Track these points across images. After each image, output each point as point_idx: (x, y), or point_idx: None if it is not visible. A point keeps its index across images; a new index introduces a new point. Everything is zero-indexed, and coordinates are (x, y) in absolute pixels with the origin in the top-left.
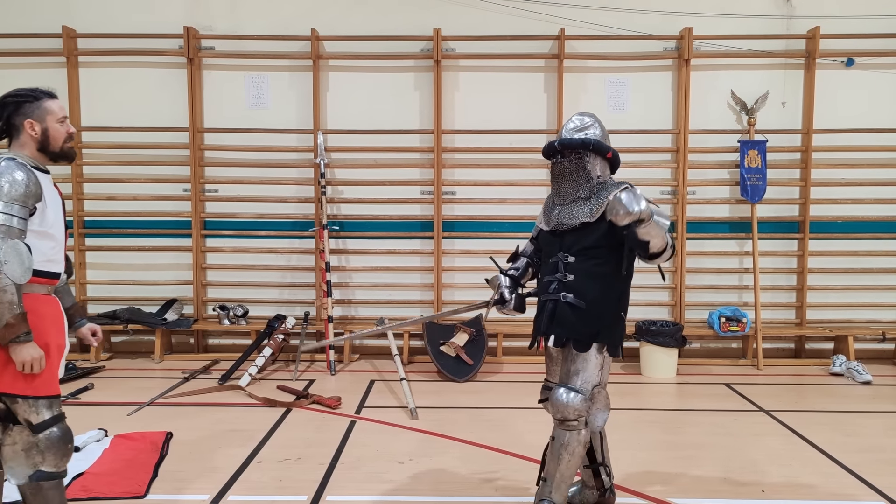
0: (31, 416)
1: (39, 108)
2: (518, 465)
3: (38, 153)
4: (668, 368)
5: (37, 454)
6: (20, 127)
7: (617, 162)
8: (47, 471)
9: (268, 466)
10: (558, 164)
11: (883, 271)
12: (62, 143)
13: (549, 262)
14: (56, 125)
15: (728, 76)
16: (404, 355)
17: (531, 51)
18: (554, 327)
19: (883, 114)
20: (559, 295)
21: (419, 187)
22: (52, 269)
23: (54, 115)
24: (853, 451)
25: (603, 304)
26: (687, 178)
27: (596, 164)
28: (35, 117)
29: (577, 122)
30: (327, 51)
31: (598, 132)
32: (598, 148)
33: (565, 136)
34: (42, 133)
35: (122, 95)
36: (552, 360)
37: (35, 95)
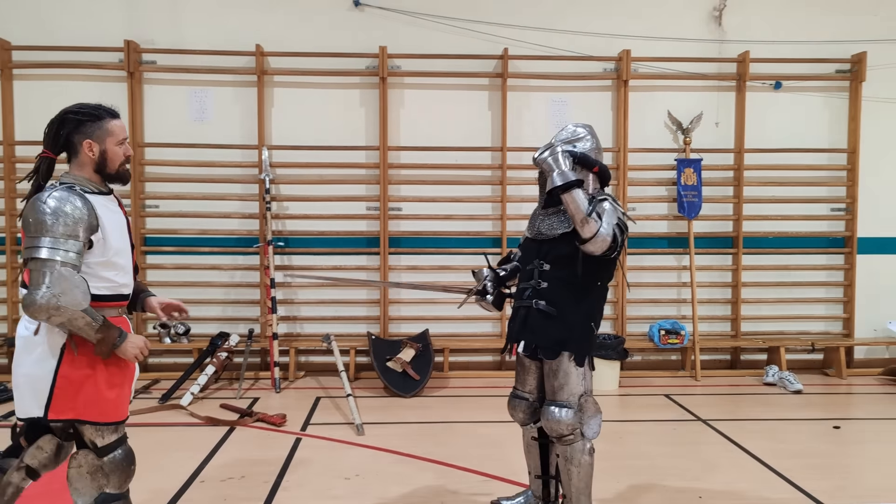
0: (97, 439)
1: (101, 128)
2: (464, 479)
3: (94, 174)
4: (610, 381)
5: (101, 476)
6: (78, 146)
7: (606, 176)
8: (112, 492)
9: (211, 486)
10: (543, 174)
11: (811, 285)
12: (118, 165)
13: (527, 269)
14: (115, 147)
15: (665, 97)
16: (350, 371)
17: (476, 69)
18: (525, 333)
19: (808, 134)
20: (532, 301)
21: (365, 203)
22: (121, 293)
23: (115, 137)
24: (785, 457)
25: (574, 314)
26: (627, 195)
27: (582, 177)
28: (95, 138)
29: (567, 134)
30: (272, 66)
31: (590, 145)
32: (584, 161)
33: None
34: (100, 155)
35: (59, 109)
36: (524, 368)
37: (97, 114)
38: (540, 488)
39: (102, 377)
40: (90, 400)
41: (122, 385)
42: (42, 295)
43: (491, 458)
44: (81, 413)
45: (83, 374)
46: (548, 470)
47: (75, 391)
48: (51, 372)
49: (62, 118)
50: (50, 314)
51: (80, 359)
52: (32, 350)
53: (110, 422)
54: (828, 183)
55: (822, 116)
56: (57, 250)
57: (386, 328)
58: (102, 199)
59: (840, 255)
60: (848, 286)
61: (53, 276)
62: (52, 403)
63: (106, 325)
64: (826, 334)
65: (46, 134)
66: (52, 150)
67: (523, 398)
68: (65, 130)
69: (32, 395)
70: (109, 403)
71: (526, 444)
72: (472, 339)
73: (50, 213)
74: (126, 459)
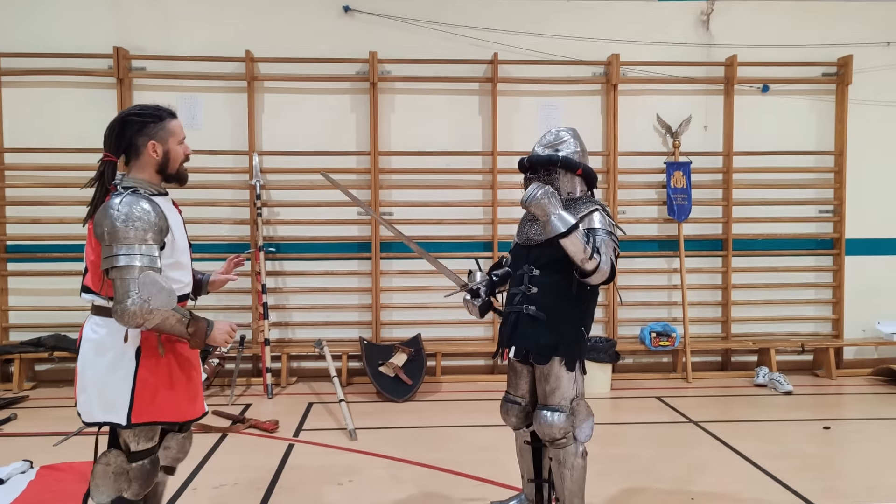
0: (132, 443)
1: (163, 128)
2: (457, 483)
3: (156, 174)
4: (602, 384)
5: (124, 481)
6: (141, 147)
7: (592, 178)
8: (128, 498)
9: (203, 493)
10: (528, 179)
11: (801, 286)
12: (179, 164)
13: (517, 275)
14: (176, 147)
15: (654, 101)
16: (343, 377)
17: (466, 74)
18: (516, 339)
19: (796, 137)
20: (522, 307)
21: (356, 208)
22: (184, 293)
23: (176, 137)
24: (776, 457)
25: (564, 319)
26: (617, 198)
27: (567, 181)
28: (158, 138)
29: (550, 138)
30: (262, 72)
31: (573, 148)
32: (567, 164)
33: (536, 152)
34: (164, 155)
35: (49, 116)
36: (516, 373)
37: (159, 115)
38: (533, 492)
39: (177, 378)
40: (167, 401)
41: (189, 382)
42: (133, 302)
43: (484, 461)
44: (160, 415)
45: (158, 377)
46: (541, 473)
47: (152, 395)
48: (128, 378)
49: (124, 120)
50: (144, 319)
51: (154, 362)
52: (103, 354)
53: (186, 419)
54: (815, 185)
55: (810, 119)
56: (136, 256)
57: (378, 333)
58: (163, 201)
59: (828, 256)
60: (837, 287)
61: (138, 282)
62: (133, 408)
63: (194, 318)
64: (815, 335)
65: (107, 137)
66: (114, 153)
67: (516, 402)
68: (128, 132)
69: (100, 400)
70: (184, 403)
71: (519, 448)
72: (465, 342)
73: (123, 221)
74: (153, 470)
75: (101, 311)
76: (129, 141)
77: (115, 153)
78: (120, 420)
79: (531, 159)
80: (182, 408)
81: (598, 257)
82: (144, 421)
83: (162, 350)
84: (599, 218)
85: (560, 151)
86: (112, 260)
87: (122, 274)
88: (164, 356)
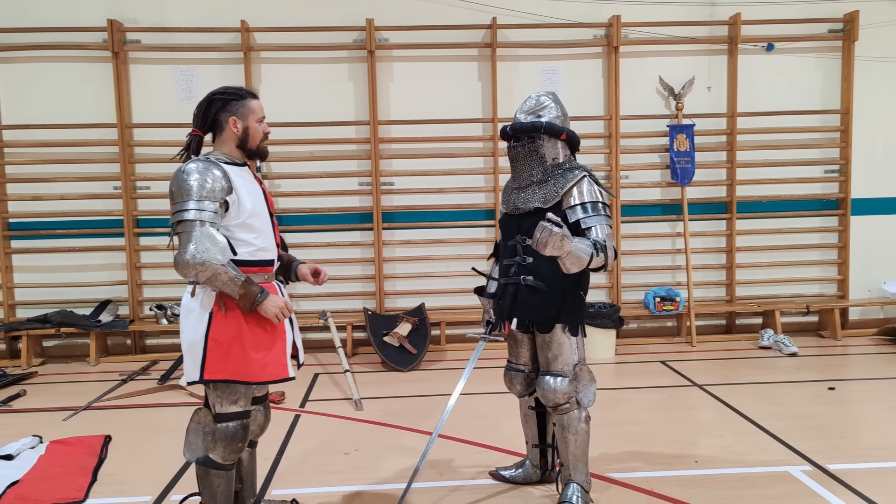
0: (217, 405)
1: (244, 106)
2: (462, 450)
3: (237, 149)
4: (606, 349)
5: (211, 441)
6: (224, 123)
7: (575, 142)
8: (214, 459)
9: None
10: (512, 148)
11: (805, 247)
12: (259, 141)
13: (508, 246)
14: (255, 124)
15: (656, 62)
16: (348, 347)
17: (464, 40)
18: (516, 310)
19: (801, 97)
20: (520, 278)
21: (357, 179)
22: (263, 258)
23: (255, 115)
24: (780, 419)
25: (563, 286)
26: (619, 163)
27: (551, 147)
28: (239, 115)
29: (531, 104)
30: (258, 42)
31: (555, 113)
32: (550, 130)
33: (518, 119)
34: (243, 131)
35: (45, 91)
36: (516, 342)
37: (241, 94)
38: (538, 457)
39: (249, 339)
40: (238, 361)
41: (269, 347)
42: (188, 252)
43: (488, 429)
44: (231, 374)
45: (230, 336)
46: (545, 438)
47: (224, 353)
48: (202, 336)
49: (210, 99)
50: (196, 270)
51: (227, 322)
52: (189, 317)
53: (257, 381)
54: (821, 145)
55: (815, 77)
56: (199, 211)
57: (382, 303)
58: (236, 169)
59: (834, 216)
60: (842, 248)
61: (196, 234)
62: (206, 365)
63: (248, 282)
64: (821, 296)
65: (196, 115)
66: (200, 128)
67: (519, 370)
68: (213, 109)
69: (191, 359)
70: (255, 364)
71: (523, 414)
72: (468, 311)
73: (188, 180)
74: (237, 435)
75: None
76: (214, 117)
77: (201, 128)
78: (195, 377)
79: (514, 127)
80: (254, 369)
81: (601, 255)
82: (215, 378)
83: (223, 307)
84: (587, 187)
85: (542, 117)
86: (176, 216)
87: (185, 227)
88: (237, 318)
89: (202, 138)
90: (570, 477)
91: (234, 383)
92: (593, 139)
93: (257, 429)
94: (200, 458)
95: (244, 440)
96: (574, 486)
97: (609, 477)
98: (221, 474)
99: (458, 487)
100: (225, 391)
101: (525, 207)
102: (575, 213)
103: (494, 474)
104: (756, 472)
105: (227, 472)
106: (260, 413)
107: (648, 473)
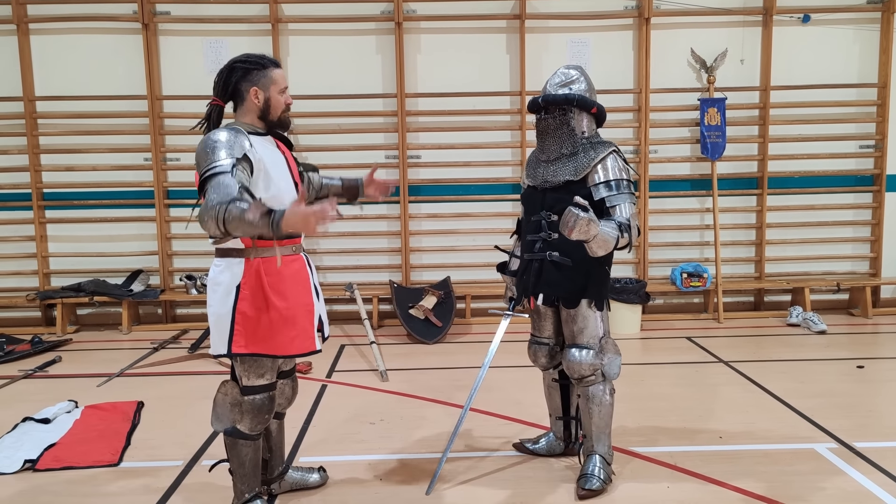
0: (243, 378)
1: (265, 76)
2: (486, 422)
3: (258, 120)
4: (632, 324)
5: (238, 412)
6: (245, 93)
7: (602, 116)
8: (241, 430)
9: None
10: (542, 120)
11: (837, 224)
12: (280, 112)
13: (532, 221)
14: (277, 95)
15: (688, 34)
16: (374, 319)
17: (493, 11)
18: (542, 286)
19: (837, 69)
20: (545, 254)
21: (384, 152)
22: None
23: (277, 86)
24: (807, 396)
25: (589, 261)
26: (649, 138)
27: (581, 120)
28: (260, 85)
29: (561, 77)
30: (286, 14)
31: (584, 86)
32: (582, 103)
33: (549, 92)
34: (264, 102)
35: (77, 63)
36: (540, 315)
37: (263, 63)
38: (561, 429)
39: (275, 313)
40: (265, 335)
41: (295, 320)
42: (206, 203)
43: (512, 401)
44: (258, 348)
45: (258, 310)
46: (569, 411)
47: (252, 327)
48: (230, 310)
49: (231, 67)
50: (216, 219)
51: (254, 296)
52: (216, 290)
53: (284, 355)
54: (857, 119)
55: (853, 50)
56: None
57: (408, 276)
58: (260, 138)
59: (868, 193)
60: (876, 225)
61: (213, 185)
62: (233, 339)
63: (259, 205)
64: (852, 274)
65: (216, 83)
66: (221, 97)
67: (544, 343)
68: (234, 78)
69: (218, 333)
70: (282, 338)
71: (547, 387)
72: (494, 285)
73: (211, 144)
74: (264, 407)
75: (219, 253)
76: (235, 87)
77: (221, 98)
78: (222, 350)
79: (546, 98)
80: (281, 343)
81: (626, 235)
82: (242, 352)
83: (253, 253)
84: (612, 163)
85: (572, 90)
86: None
87: (210, 184)
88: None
89: (223, 108)
90: (593, 448)
91: (261, 357)
92: (622, 113)
93: (285, 401)
94: (228, 429)
95: (270, 412)
96: (596, 458)
97: (632, 450)
98: (249, 444)
99: (483, 458)
100: (252, 365)
101: (554, 180)
102: (599, 192)
103: (518, 446)
104: (781, 448)
105: (254, 441)
106: (288, 386)
107: (671, 448)
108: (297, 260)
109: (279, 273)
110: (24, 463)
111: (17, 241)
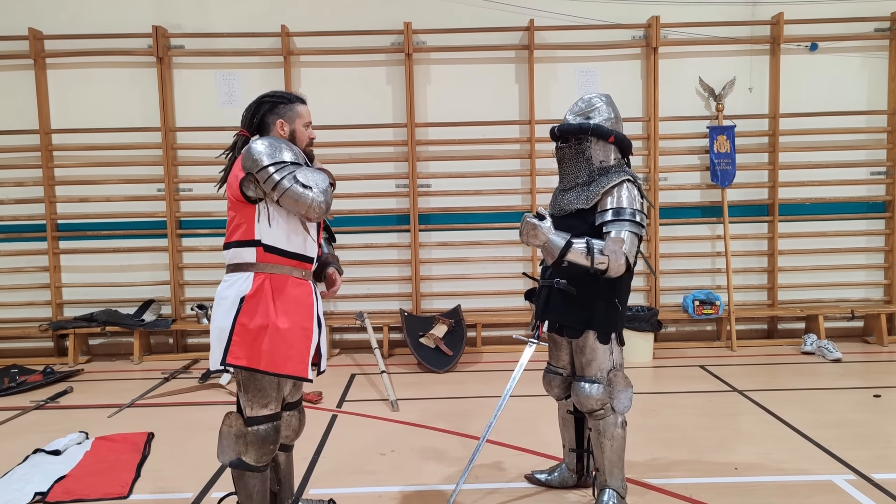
0: (247, 408)
1: (292, 110)
2: (498, 453)
3: None
4: (644, 353)
5: (243, 444)
6: (271, 125)
7: (626, 145)
8: (247, 462)
9: None
10: (560, 149)
11: (850, 251)
12: (304, 145)
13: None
14: (302, 128)
15: (696, 63)
16: (384, 348)
17: (501, 42)
18: (548, 313)
19: (846, 97)
20: (553, 281)
21: (394, 181)
22: (306, 254)
23: (302, 119)
24: (823, 426)
25: (594, 292)
26: (658, 165)
27: (598, 149)
28: (286, 118)
29: (581, 105)
30: (298, 47)
31: (606, 116)
32: (598, 132)
33: (567, 121)
34: (290, 134)
35: (92, 96)
36: (556, 344)
37: (289, 98)
38: (574, 461)
39: (274, 330)
40: (262, 350)
41: (294, 342)
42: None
43: (524, 432)
44: (253, 362)
45: (259, 324)
46: (583, 443)
47: (251, 340)
48: (231, 322)
49: (259, 101)
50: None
51: (258, 309)
52: (221, 304)
53: (277, 372)
54: (867, 146)
55: (861, 77)
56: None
57: (418, 305)
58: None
59: (881, 219)
60: (889, 251)
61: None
62: (229, 349)
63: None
64: (866, 301)
65: (244, 116)
66: (247, 129)
67: (557, 373)
68: (261, 111)
69: (217, 345)
70: (279, 356)
71: (561, 418)
72: (504, 313)
73: (261, 147)
74: (268, 438)
75: (230, 269)
76: (262, 119)
77: (248, 129)
78: (217, 362)
79: (562, 128)
80: (275, 360)
81: (602, 257)
82: (236, 364)
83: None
84: (626, 193)
85: (592, 119)
86: (267, 181)
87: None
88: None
89: (249, 139)
90: (606, 482)
91: (256, 373)
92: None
93: (292, 433)
94: (234, 461)
95: (275, 443)
96: (610, 492)
97: (647, 483)
98: (256, 475)
99: (495, 490)
100: (256, 394)
101: (568, 209)
102: (601, 217)
103: (530, 478)
104: (798, 480)
105: (261, 472)
106: (294, 418)
107: (687, 480)
108: (305, 285)
109: (284, 291)
110: (35, 496)
111: (31, 271)
